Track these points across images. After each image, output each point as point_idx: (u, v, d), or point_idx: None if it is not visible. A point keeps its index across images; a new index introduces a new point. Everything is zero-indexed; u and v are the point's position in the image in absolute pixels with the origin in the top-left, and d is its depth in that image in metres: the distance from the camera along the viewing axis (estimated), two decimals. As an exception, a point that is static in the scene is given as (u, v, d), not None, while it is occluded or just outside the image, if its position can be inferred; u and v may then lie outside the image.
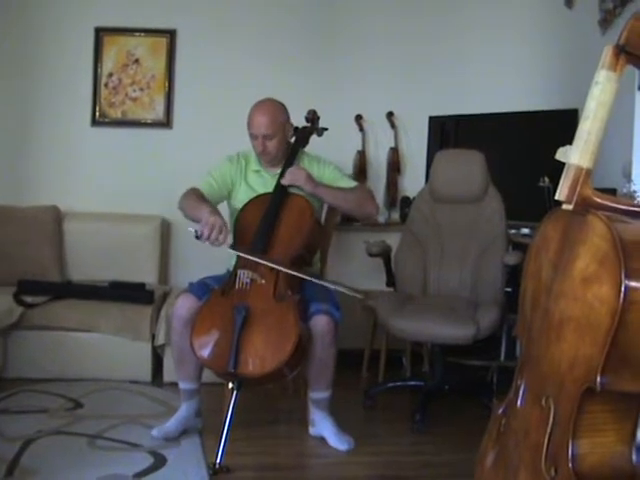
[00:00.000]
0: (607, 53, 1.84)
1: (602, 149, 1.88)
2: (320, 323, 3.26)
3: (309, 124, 3.85)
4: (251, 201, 3.58)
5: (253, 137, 3.58)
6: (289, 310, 3.18)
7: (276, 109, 3.59)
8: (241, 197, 3.65)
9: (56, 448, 3.23)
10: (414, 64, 5.13)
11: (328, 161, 3.74)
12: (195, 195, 3.50)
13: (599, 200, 1.86)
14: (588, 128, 1.85)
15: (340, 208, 3.74)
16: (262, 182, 3.65)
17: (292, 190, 3.56)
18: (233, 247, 3.38)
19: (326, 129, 3.85)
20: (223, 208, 3.70)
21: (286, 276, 3.31)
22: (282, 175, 3.55)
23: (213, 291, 3.35)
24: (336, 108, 4.78)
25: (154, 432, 3.38)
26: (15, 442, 3.23)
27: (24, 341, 4.15)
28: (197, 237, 3.20)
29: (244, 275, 3.33)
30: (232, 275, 3.39)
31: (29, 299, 4.23)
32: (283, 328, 3.13)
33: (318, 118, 3.88)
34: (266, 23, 5.06)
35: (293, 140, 3.74)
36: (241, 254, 3.34)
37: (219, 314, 3.22)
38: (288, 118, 3.64)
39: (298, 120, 3.77)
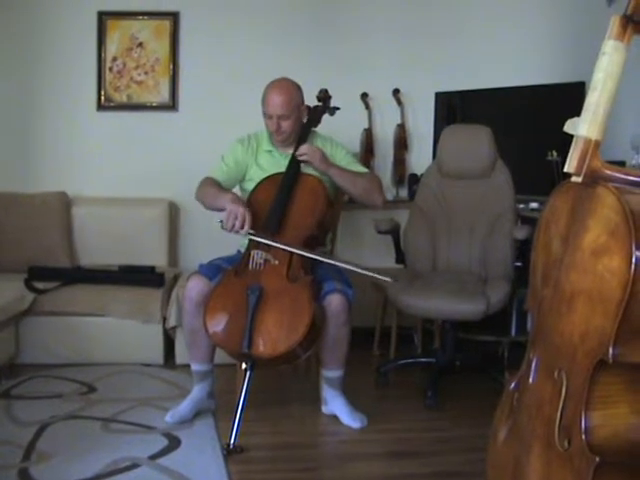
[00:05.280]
0: (614, 23, 1.83)
1: (611, 121, 1.86)
2: (334, 302, 3.27)
3: (320, 103, 3.82)
4: (263, 181, 3.56)
5: (267, 116, 3.55)
6: (303, 291, 3.18)
7: (292, 90, 3.56)
8: (252, 177, 3.63)
9: (71, 432, 3.25)
10: (419, 40, 5.08)
11: (341, 144, 3.72)
12: (211, 184, 3.52)
13: (608, 171, 1.85)
14: (596, 99, 1.84)
15: (348, 191, 3.69)
16: (274, 162, 3.63)
17: (304, 170, 3.55)
18: (253, 234, 3.35)
19: (338, 108, 3.82)
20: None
21: (299, 257, 3.31)
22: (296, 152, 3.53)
23: (227, 271, 3.35)
24: (342, 86, 4.73)
25: (168, 417, 3.38)
26: (30, 427, 3.26)
27: (36, 327, 4.17)
28: (223, 227, 3.27)
29: (258, 256, 3.33)
30: (245, 255, 3.39)
31: (40, 285, 4.24)
32: (297, 309, 3.14)
33: (330, 97, 3.84)
34: (269, 3, 5.02)
35: (305, 119, 3.71)
36: (262, 240, 3.33)
37: (233, 294, 3.22)
38: (303, 99, 3.61)
39: (307, 99, 3.75)
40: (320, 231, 3.53)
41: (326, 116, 3.81)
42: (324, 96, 3.84)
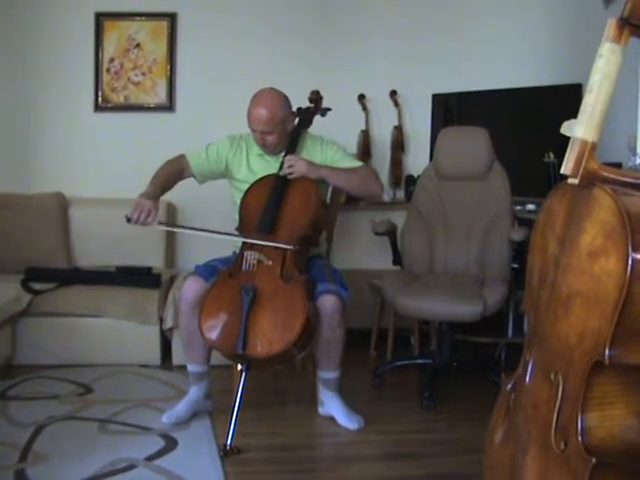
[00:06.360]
0: (611, 25, 1.83)
1: (607, 123, 1.86)
2: (328, 303, 3.26)
3: (312, 105, 3.82)
4: (256, 183, 3.55)
5: (252, 130, 3.53)
6: (297, 290, 3.18)
7: (275, 104, 3.48)
8: (243, 180, 3.62)
9: (68, 433, 3.25)
10: (416, 42, 5.09)
11: (331, 141, 3.70)
12: (164, 169, 3.60)
13: (605, 173, 1.85)
14: (592, 101, 1.84)
15: (344, 189, 3.71)
16: (266, 165, 3.61)
17: None
18: (162, 223, 3.40)
19: (329, 109, 3.82)
20: (221, 187, 3.71)
21: (293, 256, 3.31)
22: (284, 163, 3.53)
23: (221, 273, 3.35)
24: (339, 88, 4.76)
25: (164, 419, 3.37)
26: (27, 428, 3.26)
27: (33, 328, 4.16)
28: (128, 221, 3.32)
29: (251, 256, 3.33)
30: (239, 257, 3.39)
31: (37, 286, 4.24)
32: (291, 309, 3.14)
33: (321, 98, 3.84)
34: (266, 3, 5.03)
35: (296, 121, 3.70)
36: (168, 229, 3.41)
37: (227, 296, 3.23)
38: (289, 111, 3.55)
39: (301, 101, 3.75)
40: (314, 231, 3.52)
41: (324, 118, 3.81)
42: (315, 97, 3.83)
